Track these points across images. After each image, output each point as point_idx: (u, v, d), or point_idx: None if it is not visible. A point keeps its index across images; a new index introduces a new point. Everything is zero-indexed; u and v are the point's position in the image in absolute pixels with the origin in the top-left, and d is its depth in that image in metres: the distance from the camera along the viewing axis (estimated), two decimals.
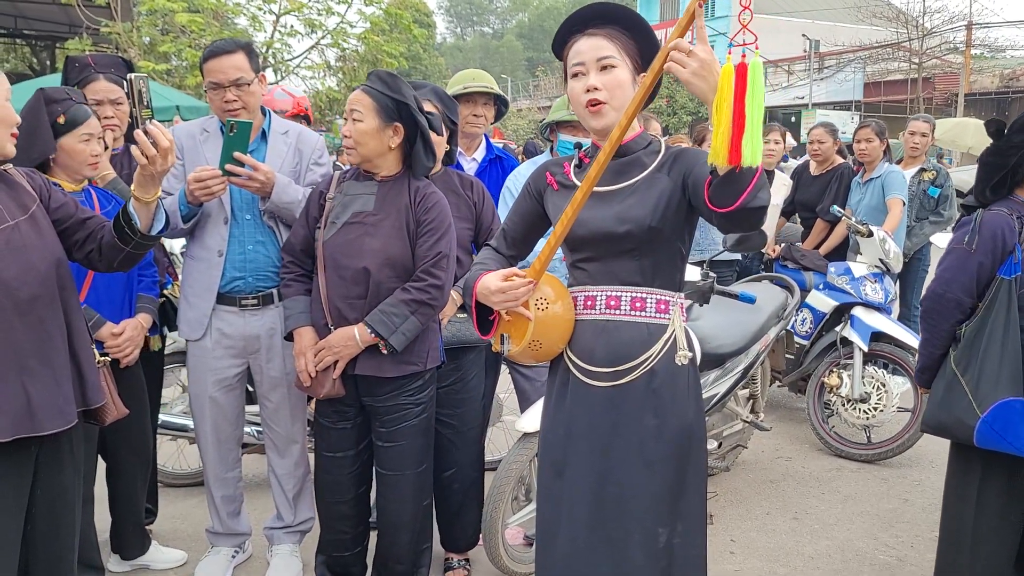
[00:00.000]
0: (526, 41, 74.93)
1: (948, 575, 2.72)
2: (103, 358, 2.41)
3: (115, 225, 2.21)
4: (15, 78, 16.92)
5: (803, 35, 32.03)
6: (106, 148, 2.93)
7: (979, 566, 2.60)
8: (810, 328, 4.90)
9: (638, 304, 2.00)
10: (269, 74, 15.74)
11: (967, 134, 17.87)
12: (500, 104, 3.72)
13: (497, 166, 3.71)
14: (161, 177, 2.17)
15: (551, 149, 3.56)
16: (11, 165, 2.23)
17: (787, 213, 5.93)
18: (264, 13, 15.46)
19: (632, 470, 1.97)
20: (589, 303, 2.04)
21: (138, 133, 2.09)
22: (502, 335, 2.10)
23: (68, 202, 2.28)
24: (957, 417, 2.54)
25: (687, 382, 2.02)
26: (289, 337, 2.80)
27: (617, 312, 2.01)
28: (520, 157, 6.25)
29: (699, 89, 1.70)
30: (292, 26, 15.92)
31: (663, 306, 2.01)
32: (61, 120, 2.66)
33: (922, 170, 5.66)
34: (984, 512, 2.59)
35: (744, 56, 1.61)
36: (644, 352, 1.98)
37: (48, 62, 20.99)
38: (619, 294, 2.01)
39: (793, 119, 28.60)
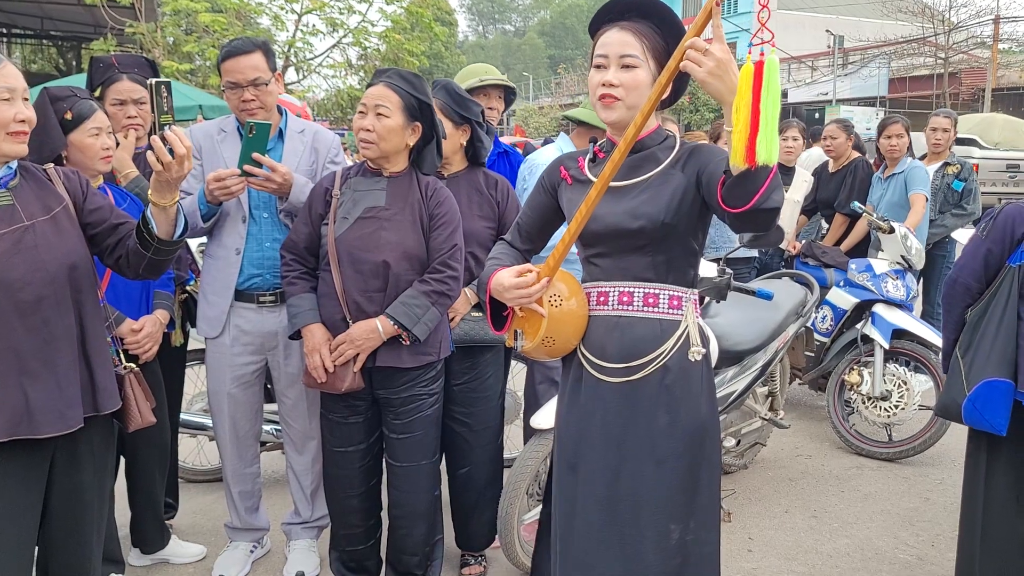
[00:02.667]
0: (548, 39, 74.84)
1: (966, 565, 2.74)
2: (129, 364, 2.38)
3: (136, 231, 2.20)
4: (42, 79, 17.15)
5: (827, 30, 31.76)
6: (118, 144, 2.94)
7: (988, 554, 2.63)
8: (831, 325, 4.86)
9: (651, 300, 1.99)
10: (291, 73, 15.85)
11: (994, 129, 17.67)
12: (508, 93, 3.75)
13: (505, 160, 3.71)
14: (178, 183, 2.15)
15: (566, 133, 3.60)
16: (52, 165, 2.26)
17: (810, 211, 5.89)
18: (286, 12, 15.56)
19: (644, 466, 1.96)
20: (602, 299, 2.04)
21: (154, 139, 2.07)
22: (515, 331, 2.10)
23: (104, 207, 2.28)
24: (952, 397, 2.65)
25: (700, 378, 2.01)
26: (295, 336, 2.80)
27: (630, 308, 2.00)
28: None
29: (715, 89, 1.68)
30: (314, 25, 16.01)
31: (676, 302, 2.00)
32: (68, 116, 2.68)
33: (946, 164, 5.61)
34: (992, 499, 2.64)
35: (762, 54, 1.60)
36: (656, 348, 1.98)
37: (74, 63, 21.24)
38: (632, 290, 2.00)
39: (817, 115, 28.33)
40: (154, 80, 2.17)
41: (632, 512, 1.96)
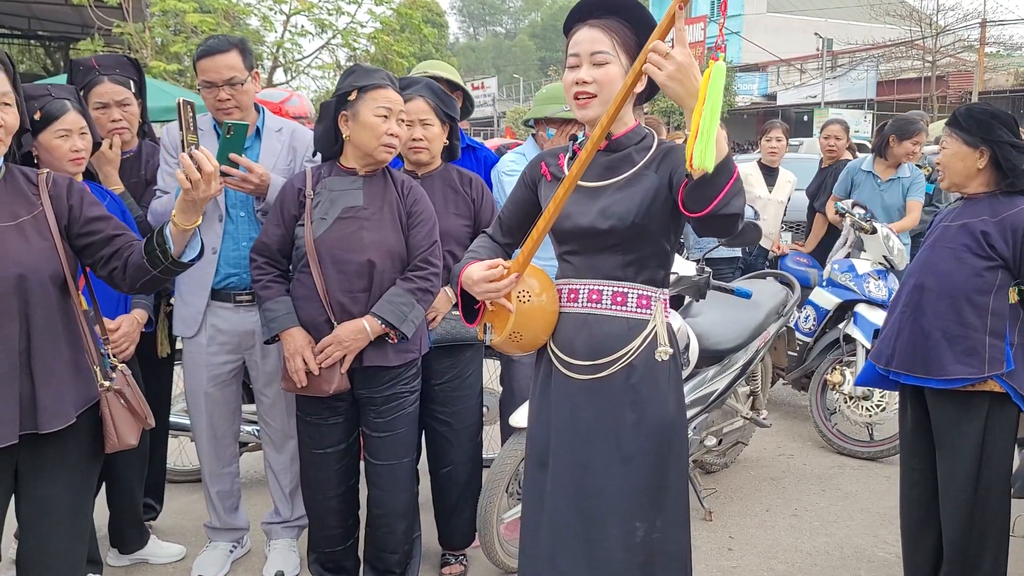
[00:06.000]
0: (539, 41, 74.94)
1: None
2: (106, 383, 2.19)
3: (146, 246, 2.09)
4: (30, 79, 17.04)
5: (816, 33, 31.90)
6: (97, 147, 2.88)
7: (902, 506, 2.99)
8: (813, 325, 4.88)
9: (619, 299, 2.00)
10: (279, 74, 15.80)
11: None
12: (466, 102, 3.69)
13: (470, 155, 3.69)
14: (203, 204, 2.04)
15: (533, 137, 3.59)
16: (46, 171, 2.18)
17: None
18: (274, 13, 15.50)
19: (610, 464, 1.97)
20: (572, 296, 2.05)
21: (183, 157, 1.98)
22: (486, 324, 2.11)
23: (102, 217, 2.17)
24: None
25: (668, 378, 2.01)
26: (270, 340, 2.77)
27: (598, 306, 2.01)
28: None
29: (675, 93, 1.68)
30: (302, 26, 15.95)
31: (645, 301, 2.01)
32: (37, 116, 2.62)
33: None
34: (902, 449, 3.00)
35: (714, 59, 1.61)
36: (623, 346, 1.98)
37: (62, 63, 21.09)
38: (601, 288, 2.01)
39: (805, 117, 28.49)
40: (181, 99, 2.14)
41: (599, 509, 1.97)
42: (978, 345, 2.59)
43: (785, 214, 5.79)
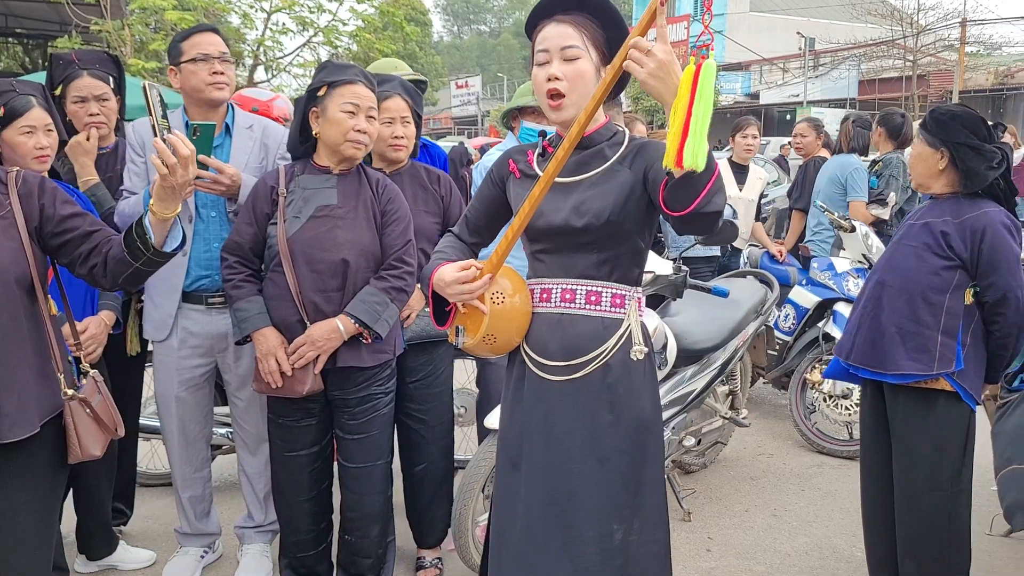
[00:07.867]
0: (523, 40, 74.76)
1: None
2: (69, 391, 2.11)
3: (126, 238, 2.03)
4: (6, 77, 16.84)
5: (798, 32, 32.07)
6: (64, 144, 2.83)
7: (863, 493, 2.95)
8: (793, 324, 4.87)
9: (593, 298, 1.97)
10: (260, 72, 15.69)
11: None
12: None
13: (424, 153, 3.64)
14: (182, 190, 1.97)
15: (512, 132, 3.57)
16: (16, 169, 2.10)
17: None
18: (255, 11, 15.39)
19: (586, 465, 1.94)
20: (545, 296, 2.01)
21: (156, 141, 1.93)
22: (457, 327, 2.07)
23: (77, 214, 2.11)
24: None
25: (643, 377, 1.98)
26: (242, 341, 2.72)
27: (572, 305, 1.98)
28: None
29: (655, 90, 1.66)
30: (283, 24, 15.85)
31: (619, 300, 1.98)
32: (0, 112, 2.56)
33: (874, 162, 5.70)
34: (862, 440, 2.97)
35: (703, 57, 1.58)
36: (598, 346, 1.95)
37: (40, 61, 20.87)
38: (575, 287, 1.98)
39: (788, 116, 28.61)
40: (147, 83, 2.09)
41: (574, 511, 1.93)
42: (929, 343, 2.60)
43: (760, 212, 5.78)
